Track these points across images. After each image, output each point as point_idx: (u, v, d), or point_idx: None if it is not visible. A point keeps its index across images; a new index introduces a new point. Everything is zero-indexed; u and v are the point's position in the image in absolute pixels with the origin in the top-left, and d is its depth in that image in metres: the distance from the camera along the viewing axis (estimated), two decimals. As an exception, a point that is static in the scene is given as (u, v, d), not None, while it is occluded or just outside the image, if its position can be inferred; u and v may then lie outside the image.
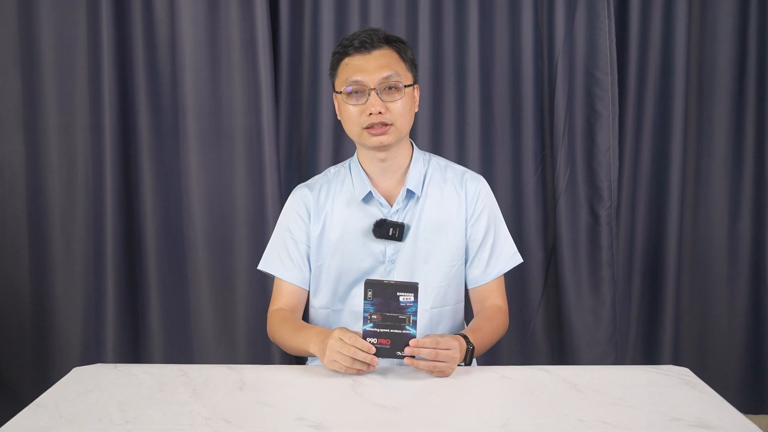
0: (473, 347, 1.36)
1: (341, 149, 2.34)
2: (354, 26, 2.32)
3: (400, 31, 2.32)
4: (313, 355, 1.38)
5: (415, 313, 1.24)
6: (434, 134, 2.36)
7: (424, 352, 1.25)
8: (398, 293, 1.24)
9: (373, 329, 1.25)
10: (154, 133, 2.34)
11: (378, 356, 1.25)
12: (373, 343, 1.25)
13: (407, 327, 1.25)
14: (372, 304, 1.24)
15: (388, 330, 1.25)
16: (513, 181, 2.42)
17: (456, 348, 1.29)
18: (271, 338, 1.53)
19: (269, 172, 2.29)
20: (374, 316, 1.24)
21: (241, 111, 2.32)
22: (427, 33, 2.31)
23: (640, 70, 2.40)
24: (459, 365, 1.35)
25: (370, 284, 1.24)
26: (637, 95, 2.41)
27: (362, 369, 1.26)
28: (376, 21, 2.31)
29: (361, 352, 1.24)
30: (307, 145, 2.38)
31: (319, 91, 2.33)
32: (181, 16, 2.27)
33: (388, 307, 1.24)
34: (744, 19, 2.41)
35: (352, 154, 1.60)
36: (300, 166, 2.41)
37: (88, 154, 2.34)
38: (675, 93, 2.38)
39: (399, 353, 1.25)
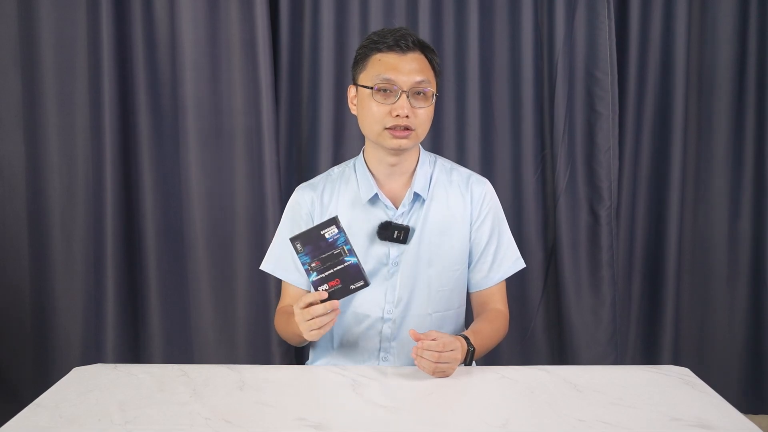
0: (474, 349, 1.36)
1: (341, 149, 2.34)
2: (354, 26, 2.32)
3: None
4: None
5: (346, 242, 1.27)
6: (434, 134, 2.36)
7: (427, 354, 1.26)
8: (322, 232, 1.27)
9: (318, 277, 1.28)
10: (154, 133, 2.34)
11: (335, 298, 1.28)
12: (325, 290, 1.28)
13: (346, 258, 1.27)
14: (305, 255, 1.27)
15: (332, 270, 1.27)
16: (513, 181, 2.42)
17: (458, 349, 1.30)
18: (282, 337, 1.57)
19: (269, 172, 2.29)
20: (313, 264, 1.27)
21: (241, 111, 2.32)
22: (427, 33, 2.31)
23: (640, 70, 2.40)
24: (458, 366, 1.35)
25: (294, 238, 1.27)
26: (637, 95, 2.41)
27: (332, 317, 1.29)
28: (375, 21, 2.31)
29: (318, 307, 1.27)
30: (307, 145, 2.38)
31: (319, 91, 2.33)
32: (181, 16, 2.27)
33: (320, 249, 1.27)
34: (744, 19, 2.41)
35: (352, 155, 1.59)
36: (300, 166, 2.41)
37: (88, 154, 2.34)
38: (675, 93, 2.38)
39: (352, 287, 1.28)
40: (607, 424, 1.07)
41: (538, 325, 2.47)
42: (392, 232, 1.47)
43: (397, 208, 1.50)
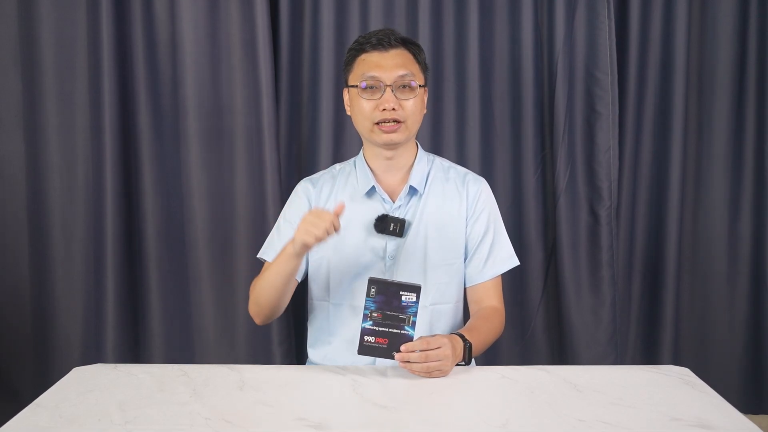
0: (470, 344, 1.36)
1: (341, 149, 2.34)
2: (354, 26, 2.32)
3: (399, 31, 2.31)
4: (294, 265, 1.41)
5: (415, 314, 1.25)
6: (434, 134, 2.36)
7: (413, 357, 1.25)
8: (401, 292, 1.25)
9: (372, 327, 1.25)
10: (155, 133, 2.34)
11: (374, 355, 1.26)
12: (370, 342, 1.26)
13: (406, 327, 1.25)
14: (374, 302, 1.25)
15: (386, 329, 1.25)
16: (513, 181, 2.42)
17: (446, 345, 1.28)
18: (255, 307, 1.53)
19: (269, 172, 2.29)
20: (374, 314, 1.25)
21: (241, 111, 2.32)
22: (427, 33, 2.31)
23: (640, 70, 2.40)
24: (459, 364, 1.35)
25: (373, 281, 1.25)
26: (637, 95, 2.41)
27: (327, 232, 1.30)
28: (376, 21, 2.31)
29: (334, 218, 1.29)
30: (307, 145, 2.38)
31: (319, 91, 2.33)
32: (181, 16, 2.27)
33: (390, 305, 1.25)
34: (744, 19, 2.41)
35: (352, 155, 1.62)
36: (300, 166, 2.41)
37: (88, 154, 2.34)
38: (675, 93, 2.38)
39: (395, 353, 1.26)
40: (607, 424, 1.07)
41: (538, 325, 2.46)
42: (389, 225, 1.49)
43: (393, 202, 1.52)
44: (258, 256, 1.60)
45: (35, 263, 2.37)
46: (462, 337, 1.36)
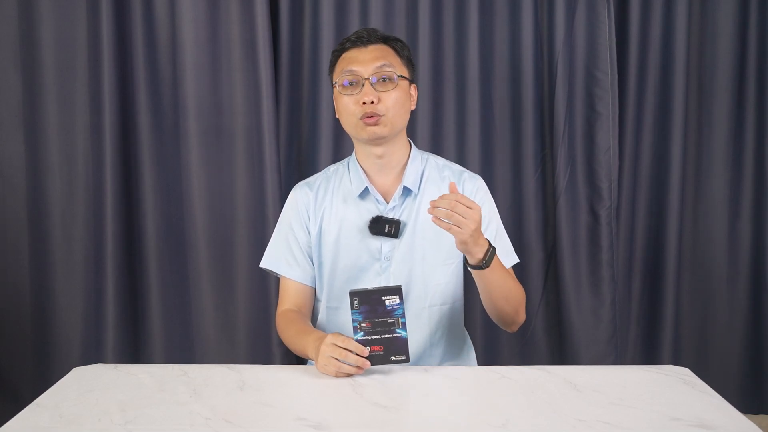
0: (494, 248, 1.35)
1: (341, 149, 2.35)
2: (354, 26, 2.32)
3: (399, 32, 2.32)
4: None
5: (402, 315, 1.26)
6: (434, 134, 2.36)
7: (444, 203, 1.24)
8: (383, 298, 1.26)
9: (364, 338, 1.26)
10: (155, 133, 2.34)
11: (372, 363, 1.26)
12: None
13: (397, 330, 1.26)
14: (360, 313, 1.26)
15: (379, 336, 1.26)
16: (513, 181, 2.42)
17: (477, 210, 1.26)
18: (280, 337, 1.55)
19: (269, 172, 2.29)
20: (363, 324, 1.26)
21: (241, 111, 2.32)
22: (427, 33, 2.31)
23: (640, 70, 2.40)
24: (477, 267, 1.33)
25: (354, 293, 1.26)
26: (637, 95, 2.42)
27: (352, 372, 1.27)
28: (376, 21, 2.31)
29: (353, 356, 1.25)
30: (307, 145, 2.38)
31: (319, 91, 2.33)
32: (181, 16, 2.27)
33: (376, 313, 1.26)
34: (744, 19, 2.41)
35: (352, 154, 1.60)
36: (300, 166, 2.41)
37: (88, 154, 2.34)
38: (675, 93, 2.38)
39: (393, 358, 1.26)
40: (607, 424, 1.07)
41: (538, 325, 2.47)
42: (383, 226, 1.48)
43: (387, 203, 1.51)
44: (261, 265, 1.58)
45: (35, 263, 2.37)
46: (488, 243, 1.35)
